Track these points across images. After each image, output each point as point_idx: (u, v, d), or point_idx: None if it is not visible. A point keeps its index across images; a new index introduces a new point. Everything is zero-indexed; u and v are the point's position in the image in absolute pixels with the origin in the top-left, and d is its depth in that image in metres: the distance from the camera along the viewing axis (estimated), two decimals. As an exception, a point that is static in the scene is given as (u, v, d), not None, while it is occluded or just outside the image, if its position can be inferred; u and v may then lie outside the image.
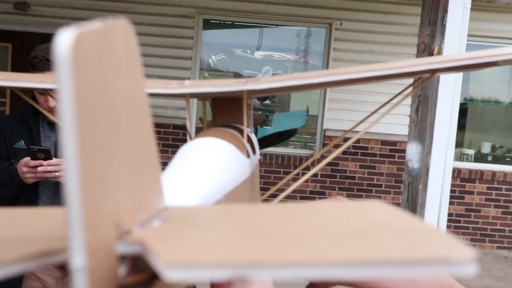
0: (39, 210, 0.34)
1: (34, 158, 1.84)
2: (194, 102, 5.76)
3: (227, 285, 0.40)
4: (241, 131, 0.64)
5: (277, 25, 5.99)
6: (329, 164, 5.77)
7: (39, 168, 1.84)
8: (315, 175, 5.75)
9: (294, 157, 5.74)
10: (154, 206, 0.31)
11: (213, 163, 0.51)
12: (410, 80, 0.79)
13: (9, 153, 2.06)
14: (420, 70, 0.58)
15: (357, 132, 5.74)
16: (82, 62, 0.24)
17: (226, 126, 0.67)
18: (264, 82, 0.60)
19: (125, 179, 0.28)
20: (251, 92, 0.66)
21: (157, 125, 5.54)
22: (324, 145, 5.77)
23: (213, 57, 6.15)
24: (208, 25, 5.89)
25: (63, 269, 0.26)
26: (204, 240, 0.26)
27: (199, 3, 5.63)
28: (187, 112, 0.67)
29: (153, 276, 0.28)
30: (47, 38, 6.07)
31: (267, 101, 6.33)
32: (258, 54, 6.17)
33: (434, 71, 0.61)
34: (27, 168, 1.86)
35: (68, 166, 0.23)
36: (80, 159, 0.23)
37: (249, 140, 0.66)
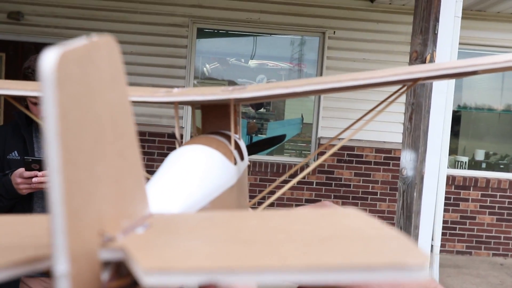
0: (27, 217, 0.35)
1: (28, 169, 1.84)
2: (189, 110, 5.76)
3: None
4: (229, 138, 0.65)
5: (270, 34, 6.01)
6: (324, 172, 5.78)
7: (34, 179, 1.84)
8: (311, 183, 5.75)
9: (289, 165, 5.74)
10: (138, 213, 0.32)
11: (199, 170, 0.52)
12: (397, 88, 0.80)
13: (3, 164, 2.06)
14: (401, 79, 0.59)
15: (349, 139, 5.73)
16: (66, 79, 0.25)
17: (215, 133, 0.68)
18: (250, 90, 0.62)
19: (109, 188, 0.29)
20: (238, 100, 0.67)
21: (152, 134, 5.54)
22: (319, 153, 5.78)
23: (207, 65, 6.16)
24: (202, 34, 5.91)
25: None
26: (182, 247, 0.28)
27: (193, 12, 5.65)
28: (176, 119, 0.68)
29: (136, 282, 0.29)
30: (41, 47, 6.04)
31: (261, 110, 6.34)
32: (252, 63, 6.19)
33: (415, 80, 0.62)
34: (22, 179, 1.86)
35: (52, 178, 0.24)
36: (63, 171, 0.24)
37: (237, 147, 0.67)
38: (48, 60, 0.24)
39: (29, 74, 1.96)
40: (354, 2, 5.71)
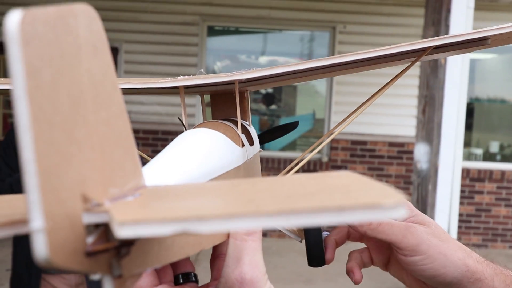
0: (5, 196, 0.37)
1: None
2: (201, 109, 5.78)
3: (224, 261, 0.43)
4: (236, 123, 0.66)
5: (281, 30, 6.01)
6: (337, 167, 5.77)
7: None
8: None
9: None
10: (130, 184, 0.33)
11: (201, 150, 0.53)
12: (415, 81, 0.80)
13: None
14: (412, 49, 0.60)
15: (363, 134, 5.69)
16: (33, 37, 0.25)
17: (224, 119, 0.70)
18: (253, 72, 0.63)
19: (92, 155, 0.29)
20: (245, 84, 0.68)
21: (164, 132, 5.57)
22: (332, 148, 5.77)
23: (218, 63, 6.18)
24: (212, 32, 5.92)
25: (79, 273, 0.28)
26: (162, 206, 0.29)
27: (203, 11, 5.66)
28: (182, 105, 0.68)
29: (121, 245, 0.29)
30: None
31: (273, 106, 6.35)
32: (263, 59, 6.19)
33: (425, 49, 0.62)
34: None
35: (23, 135, 0.25)
36: (35, 128, 0.25)
37: (246, 131, 0.68)
38: (13, 18, 0.25)
39: None
40: (364, -4, 5.68)
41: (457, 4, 3.22)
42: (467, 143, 6.00)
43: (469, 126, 6.09)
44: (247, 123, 0.73)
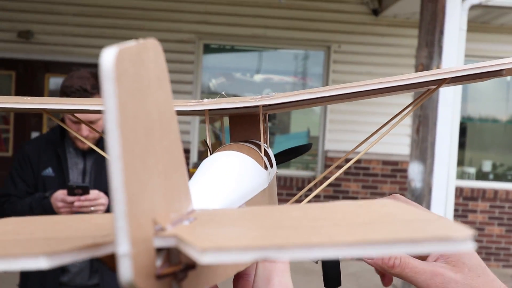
0: (77, 216, 0.39)
1: (71, 193, 1.84)
2: (196, 126, 5.80)
3: (247, 281, 0.44)
4: (257, 146, 0.67)
5: (276, 49, 6.07)
6: (331, 185, 5.78)
7: (76, 203, 1.84)
8: (318, 196, 5.75)
9: (296, 178, 5.75)
10: (184, 208, 0.35)
11: (234, 173, 0.54)
12: (409, 100, 0.82)
13: (37, 180, 2.04)
14: (426, 81, 0.61)
15: (358, 152, 5.77)
16: (123, 75, 0.28)
17: (244, 141, 0.71)
18: (279, 97, 0.64)
19: (159, 181, 0.32)
20: (266, 108, 0.69)
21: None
22: (326, 166, 5.79)
23: (213, 80, 6.22)
24: (208, 49, 5.97)
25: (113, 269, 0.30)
26: (229, 232, 0.30)
27: (199, 29, 5.72)
28: (207, 127, 0.70)
29: (185, 269, 0.31)
30: (50, 66, 6.06)
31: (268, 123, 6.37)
32: (258, 77, 6.24)
33: (441, 82, 0.63)
34: (63, 203, 1.86)
35: (113, 165, 0.27)
36: (123, 159, 0.27)
37: (266, 154, 0.69)
38: (109, 57, 0.27)
39: (71, 93, 1.93)
40: (358, 17, 5.77)
41: (450, 26, 3.28)
42: (460, 162, 6.05)
43: (461, 145, 6.14)
44: (266, 145, 0.74)
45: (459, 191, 5.80)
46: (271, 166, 0.70)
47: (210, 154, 0.61)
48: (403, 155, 5.65)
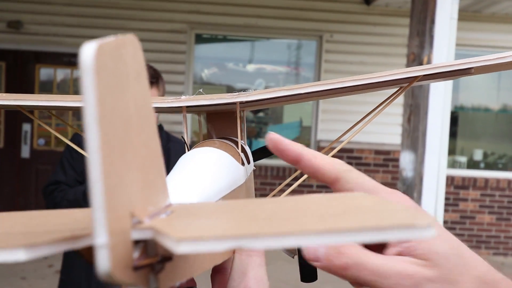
0: (55, 211, 0.39)
1: None
2: (189, 117, 5.78)
3: (224, 275, 0.45)
4: (234, 142, 0.68)
5: (268, 38, 6.06)
6: (323, 174, 5.81)
7: None
8: (310, 186, 5.78)
9: (289, 168, 5.77)
10: (161, 202, 0.36)
11: (211, 168, 0.55)
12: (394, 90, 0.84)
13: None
14: (398, 79, 0.63)
15: (349, 141, 5.75)
16: (102, 69, 0.28)
17: (221, 138, 0.71)
18: (256, 94, 0.66)
19: (136, 176, 0.32)
20: (243, 105, 0.70)
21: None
22: (318, 156, 5.81)
23: (206, 71, 6.20)
24: (200, 39, 5.95)
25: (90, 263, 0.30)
26: (206, 223, 0.31)
27: (191, 19, 5.69)
28: (184, 125, 0.70)
29: (162, 260, 0.32)
30: (40, 56, 6.00)
31: (260, 114, 6.38)
32: (250, 67, 6.23)
33: (411, 80, 0.66)
34: None
35: (92, 158, 0.28)
36: (102, 152, 0.28)
37: (243, 151, 0.70)
38: (88, 51, 0.27)
39: None
40: (350, 6, 5.76)
41: (441, 15, 3.29)
42: (451, 151, 6.10)
43: (453, 134, 6.19)
44: (243, 142, 0.75)
45: (451, 180, 5.85)
46: (248, 162, 0.71)
47: (188, 150, 0.62)
48: (395, 144, 5.68)
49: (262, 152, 0.93)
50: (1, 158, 5.66)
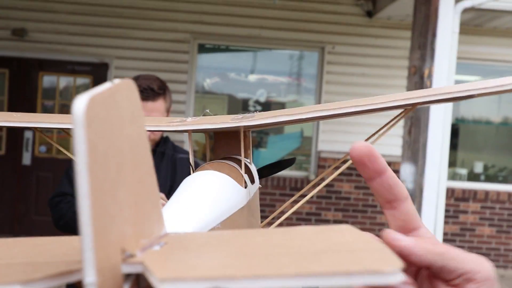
0: (57, 238, 0.41)
1: None
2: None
3: None
4: (240, 162, 0.70)
5: (270, 49, 6.09)
6: (324, 185, 5.81)
7: None
8: (311, 196, 5.78)
9: (289, 179, 5.78)
10: (155, 233, 0.37)
11: (210, 194, 0.58)
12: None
13: None
14: (400, 105, 0.64)
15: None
16: (93, 119, 0.30)
17: (227, 158, 0.74)
18: (258, 118, 0.68)
19: (129, 211, 0.34)
20: (247, 127, 0.72)
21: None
22: (319, 166, 5.82)
23: (208, 80, 6.23)
24: (203, 49, 5.98)
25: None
26: (192, 260, 0.33)
27: (194, 29, 5.73)
28: (189, 147, 0.72)
29: None
30: (44, 64, 6.02)
31: (261, 124, 6.39)
32: (252, 77, 6.26)
33: (413, 105, 0.67)
34: None
35: (82, 203, 0.29)
36: (91, 197, 0.29)
37: (248, 171, 0.71)
38: (80, 105, 0.29)
39: (141, 92, 1.88)
40: (352, 18, 5.80)
41: (443, 28, 3.32)
42: (452, 163, 6.10)
43: (454, 146, 6.19)
44: (249, 161, 0.77)
45: (451, 192, 5.84)
46: (252, 182, 0.73)
47: (193, 172, 0.64)
48: (395, 156, 5.69)
49: (270, 169, 0.94)
50: (2, 165, 5.67)
